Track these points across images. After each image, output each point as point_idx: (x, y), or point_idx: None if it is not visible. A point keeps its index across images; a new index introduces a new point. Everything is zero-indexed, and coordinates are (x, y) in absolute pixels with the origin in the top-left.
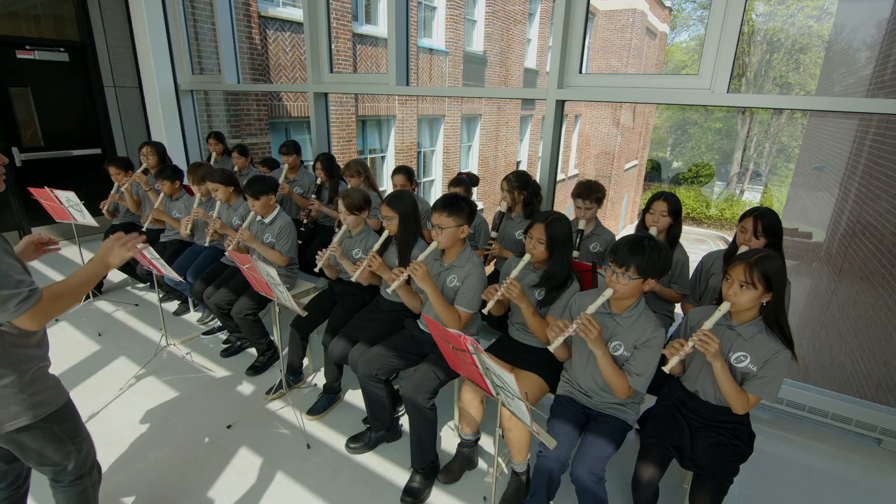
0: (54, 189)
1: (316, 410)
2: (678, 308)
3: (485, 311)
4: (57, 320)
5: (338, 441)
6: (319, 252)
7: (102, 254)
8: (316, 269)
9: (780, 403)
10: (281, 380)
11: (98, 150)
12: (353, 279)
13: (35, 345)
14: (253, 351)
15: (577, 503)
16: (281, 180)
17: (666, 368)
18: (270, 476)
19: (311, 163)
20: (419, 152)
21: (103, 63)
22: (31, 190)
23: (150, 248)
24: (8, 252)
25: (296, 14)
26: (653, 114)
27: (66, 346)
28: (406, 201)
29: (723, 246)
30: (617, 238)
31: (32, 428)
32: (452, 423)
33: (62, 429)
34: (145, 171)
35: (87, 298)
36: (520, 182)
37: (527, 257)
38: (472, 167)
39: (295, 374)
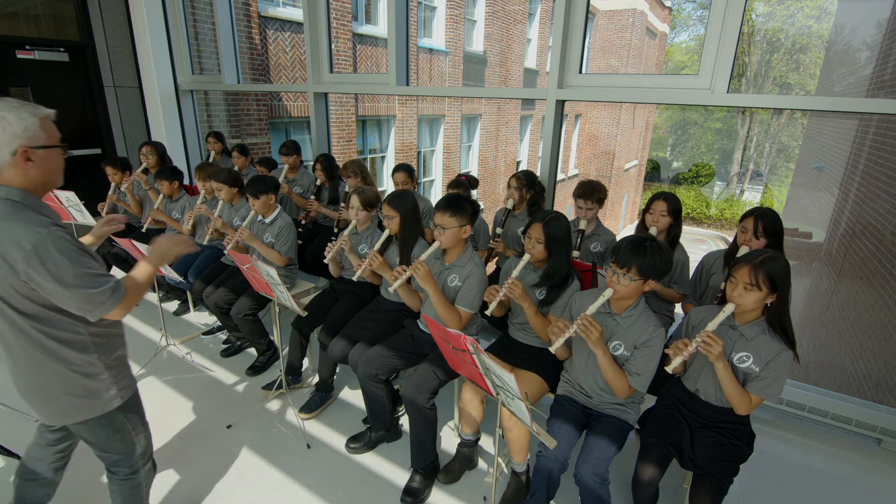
0: (54, 189)
1: (309, 408)
2: (678, 308)
3: (487, 312)
4: None
5: (338, 441)
6: (329, 245)
7: (160, 255)
8: (325, 261)
9: (781, 403)
10: (280, 379)
11: (98, 150)
12: (355, 277)
13: (117, 333)
14: (253, 351)
15: (576, 503)
16: (280, 180)
17: (668, 369)
18: (270, 476)
19: (311, 163)
20: (419, 152)
21: (103, 63)
22: None
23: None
24: (82, 250)
25: (296, 14)
26: (653, 114)
27: None
28: (407, 201)
29: (723, 246)
30: (617, 238)
31: (105, 416)
32: (452, 423)
33: (129, 419)
34: (145, 171)
35: None
36: (528, 181)
37: (526, 257)
38: (472, 167)
39: (294, 375)
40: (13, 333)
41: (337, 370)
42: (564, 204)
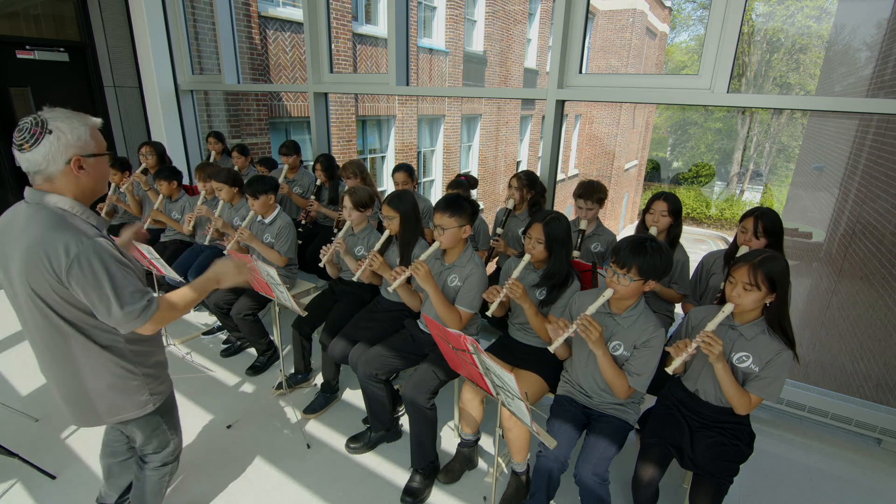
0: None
1: (312, 409)
2: (678, 308)
3: (489, 314)
4: None
5: (338, 441)
6: (324, 248)
7: (218, 273)
8: (320, 265)
9: (780, 403)
10: (281, 381)
11: None
12: (354, 278)
13: (155, 341)
14: (253, 351)
15: (577, 503)
16: (280, 180)
17: (669, 370)
18: (270, 476)
19: (311, 163)
20: (419, 152)
21: (103, 63)
22: None
23: (151, 248)
24: (122, 263)
25: (296, 14)
26: (653, 114)
27: None
28: (407, 201)
29: (723, 246)
30: (617, 238)
31: (145, 417)
32: (452, 423)
33: (165, 420)
34: (144, 171)
35: None
36: (529, 181)
37: (527, 257)
38: (472, 167)
39: (303, 375)
40: (55, 338)
41: (340, 371)
42: (564, 204)
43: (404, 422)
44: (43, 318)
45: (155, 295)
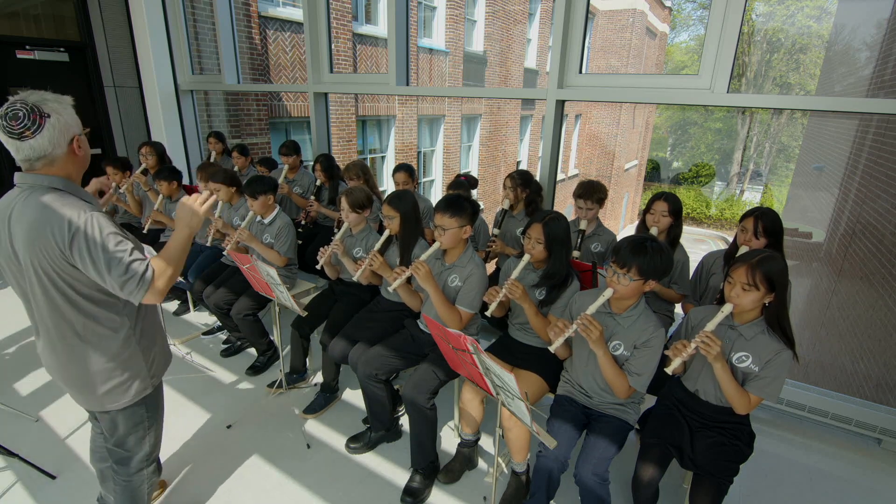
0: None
1: (312, 409)
2: (678, 308)
3: (488, 313)
4: None
5: (338, 441)
6: (321, 249)
7: (184, 219)
8: (318, 267)
9: (780, 403)
10: (281, 379)
11: (98, 150)
12: (354, 279)
13: (154, 324)
14: (253, 351)
15: (576, 503)
16: (280, 180)
17: (668, 370)
18: (270, 476)
19: (311, 163)
20: (419, 152)
21: (103, 63)
22: None
23: (151, 249)
24: (122, 236)
25: (296, 14)
26: (653, 114)
27: None
28: (407, 201)
29: (723, 246)
30: (618, 238)
31: (130, 409)
32: (452, 423)
33: (149, 416)
34: (144, 172)
35: None
36: (523, 180)
37: (526, 257)
38: (472, 167)
39: (298, 374)
40: (55, 320)
41: (340, 371)
42: (564, 204)
43: (404, 422)
44: (47, 299)
45: (148, 261)
